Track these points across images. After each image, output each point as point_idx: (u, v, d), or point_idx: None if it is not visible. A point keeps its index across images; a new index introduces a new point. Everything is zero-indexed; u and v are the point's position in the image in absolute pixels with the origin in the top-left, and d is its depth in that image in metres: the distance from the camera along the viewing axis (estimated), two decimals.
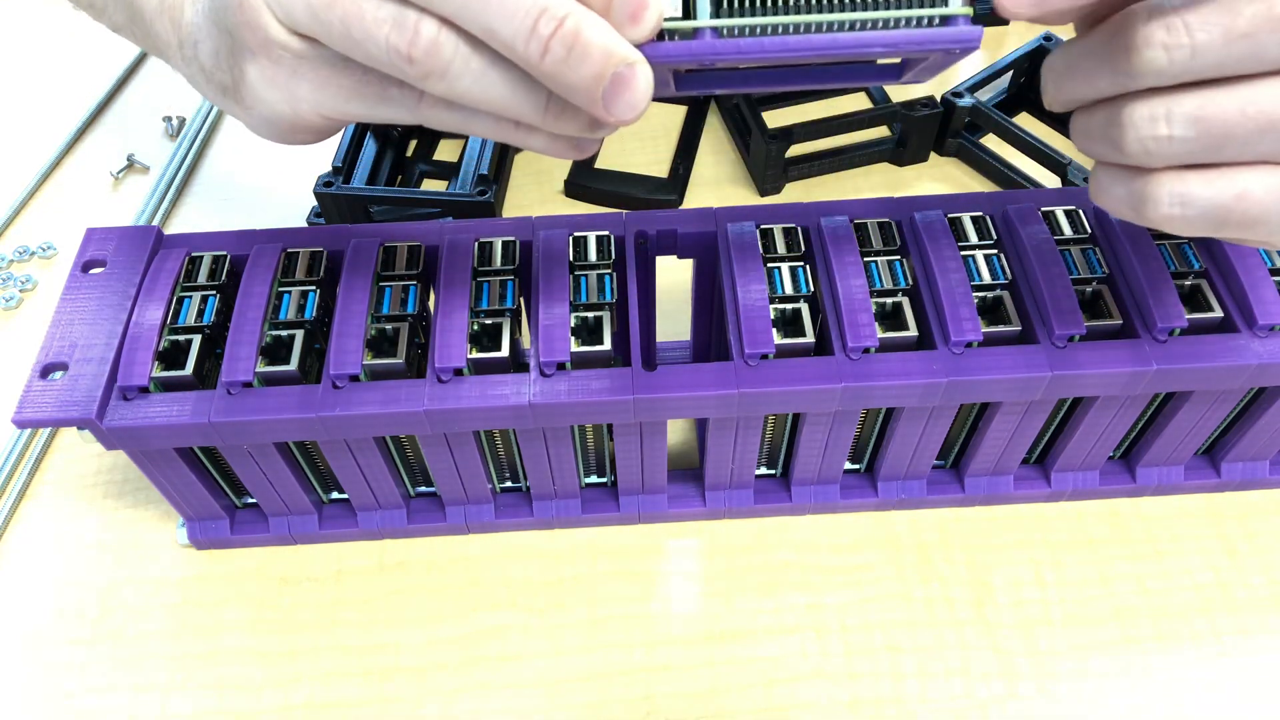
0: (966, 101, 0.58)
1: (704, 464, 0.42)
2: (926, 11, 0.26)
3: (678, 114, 0.64)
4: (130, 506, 0.46)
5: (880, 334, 0.37)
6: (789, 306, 0.38)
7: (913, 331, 0.37)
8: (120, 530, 0.45)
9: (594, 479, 0.45)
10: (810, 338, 0.37)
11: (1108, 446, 0.43)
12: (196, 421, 0.36)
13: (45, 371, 0.37)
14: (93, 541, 0.45)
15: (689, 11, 0.27)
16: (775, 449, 0.44)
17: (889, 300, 0.38)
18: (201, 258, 0.40)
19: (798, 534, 0.44)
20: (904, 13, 0.26)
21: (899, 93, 0.62)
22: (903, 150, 0.60)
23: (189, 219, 0.60)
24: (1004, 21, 0.27)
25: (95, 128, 0.65)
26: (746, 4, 0.27)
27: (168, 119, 0.64)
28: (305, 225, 0.57)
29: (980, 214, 0.40)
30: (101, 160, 0.63)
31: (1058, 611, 0.42)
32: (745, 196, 0.59)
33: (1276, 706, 0.39)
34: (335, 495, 0.45)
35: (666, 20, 0.26)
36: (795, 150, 0.58)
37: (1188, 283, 0.38)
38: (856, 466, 0.45)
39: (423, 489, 0.45)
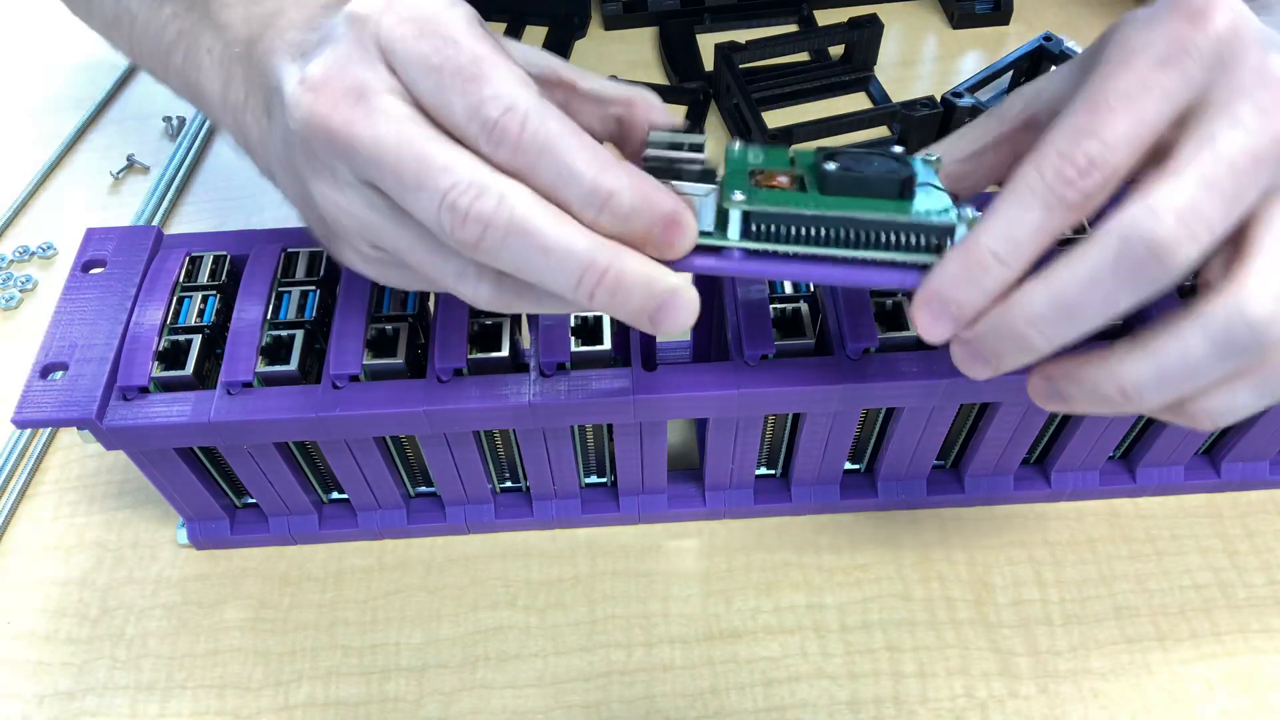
0: (966, 101, 0.58)
1: (704, 464, 0.42)
2: (921, 257, 0.29)
3: (678, 114, 0.64)
4: (130, 506, 0.46)
5: (880, 334, 0.37)
6: (789, 306, 0.38)
7: (913, 331, 0.37)
8: (120, 530, 0.45)
9: (594, 479, 0.45)
10: (810, 338, 0.37)
11: (1108, 446, 0.43)
12: (196, 421, 0.36)
13: (45, 371, 0.37)
14: (93, 541, 0.45)
15: (720, 225, 0.29)
16: (775, 449, 0.44)
17: (889, 300, 0.38)
18: (202, 258, 0.40)
19: (798, 534, 0.44)
20: (905, 256, 0.29)
21: (899, 92, 0.62)
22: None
23: (189, 219, 0.60)
24: None
25: (95, 128, 0.65)
26: (773, 231, 0.29)
27: (168, 119, 0.64)
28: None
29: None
30: (101, 160, 0.63)
31: (1058, 611, 0.42)
32: None
33: (1277, 706, 0.39)
34: (335, 495, 0.45)
35: (701, 235, 0.29)
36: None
37: (1187, 281, 0.38)
38: (856, 466, 0.45)
39: (423, 489, 0.45)
